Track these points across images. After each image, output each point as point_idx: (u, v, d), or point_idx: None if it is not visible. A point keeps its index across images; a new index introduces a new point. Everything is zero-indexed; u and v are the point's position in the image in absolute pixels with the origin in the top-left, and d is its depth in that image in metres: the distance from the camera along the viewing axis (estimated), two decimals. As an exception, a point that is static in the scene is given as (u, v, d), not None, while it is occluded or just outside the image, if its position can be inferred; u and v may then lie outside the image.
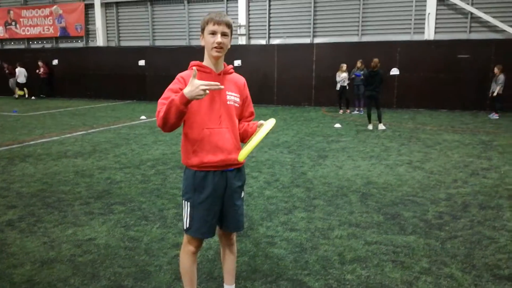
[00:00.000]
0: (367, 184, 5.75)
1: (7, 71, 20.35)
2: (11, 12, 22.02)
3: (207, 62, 2.38)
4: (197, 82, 2.04)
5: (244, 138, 2.47)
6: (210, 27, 2.27)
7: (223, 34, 2.28)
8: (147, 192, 5.39)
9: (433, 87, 15.08)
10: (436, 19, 15.46)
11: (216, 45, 2.27)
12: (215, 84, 2.08)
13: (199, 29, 2.48)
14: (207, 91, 2.06)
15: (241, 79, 2.53)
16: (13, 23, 22.12)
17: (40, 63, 20.27)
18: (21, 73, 19.91)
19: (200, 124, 2.30)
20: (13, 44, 22.77)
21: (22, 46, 22.52)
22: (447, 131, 10.33)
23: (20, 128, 10.83)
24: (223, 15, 2.30)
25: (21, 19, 21.94)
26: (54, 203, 4.93)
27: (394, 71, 15.29)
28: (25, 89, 20.10)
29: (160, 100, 2.25)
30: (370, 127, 10.78)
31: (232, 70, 2.48)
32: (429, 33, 15.48)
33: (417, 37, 15.73)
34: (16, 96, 20.00)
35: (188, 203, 2.41)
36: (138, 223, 4.30)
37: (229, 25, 2.30)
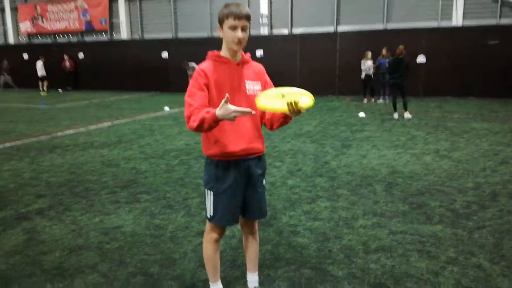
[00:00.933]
0: (392, 174, 5.66)
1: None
2: (38, 7, 22.55)
3: (225, 52, 2.37)
4: (230, 107, 2.04)
5: (273, 124, 2.41)
6: (231, 22, 2.24)
7: (243, 29, 2.26)
8: (171, 181, 5.46)
9: (461, 75, 14.65)
10: (465, 4, 14.97)
11: (236, 40, 2.26)
12: (248, 111, 2.06)
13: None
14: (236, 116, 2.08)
15: (259, 66, 2.52)
16: (40, 17, 22.66)
17: (65, 57, 20.64)
18: (40, 67, 20.09)
19: None
20: (40, 39, 23.34)
21: (49, 41, 23.06)
22: (475, 119, 10.03)
23: (48, 120, 11.12)
24: (242, 7, 2.26)
25: (47, 14, 22.45)
26: (81, 192, 5.06)
27: (421, 59, 14.92)
28: (45, 82, 20.18)
29: (187, 99, 2.24)
30: (396, 116, 10.58)
31: (249, 59, 2.46)
32: (457, 19, 15.01)
33: (444, 24, 15.29)
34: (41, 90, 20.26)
35: (211, 192, 2.43)
36: (163, 211, 4.37)
37: (248, 18, 2.28)
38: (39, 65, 20.00)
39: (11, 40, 23.86)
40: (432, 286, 2.82)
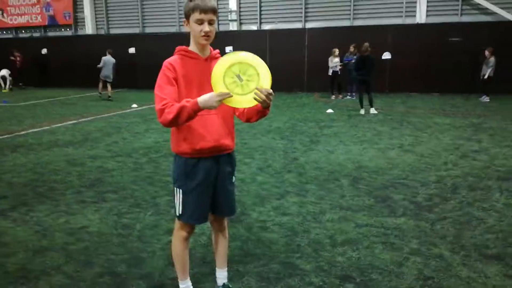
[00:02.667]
0: (358, 168, 5.80)
1: None
2: (-2, 0, 21.64)
3: (193, 47, 2.35)
4: (212, 93, 2.08)
5: (250, 117, 2.35)
6: (197, 16, 2.22)
7: (210, 23, 2.25)
8: (139, 180, 5.39)
9: (425, 71, 15.12)
10: (428, 2, 15.44)
11: (203, 33, 2.24)
12: (227, 94, 2.08)
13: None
14: (221, 101, 2.09)
15: None
16: (1, 11, 21.74)
17: (15, 53, 19.64)
18: None
19: None
20: (1, 33, 22.41)
21: (10, 36, 22.18)
22: (438, 115, 10.39)
23: (10, 119, 10.73)
24: (208, 0, 2.24)
25: (8, 8, 21.57)
26: (46, 192, 4.92)
27: (386, 55, 15.29)
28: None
29: (158, 93, 2.20)
30: (362, 111, 10.82)
31: (218, 55, 2.45)
32: (421, 16, 15.46)
33: (409, 21, 15.71)
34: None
35: (180, 190, 2.41)
36: (131, 210, 4.31)
37: (215, 11, 2.27)
38: None
39: (-32, 34, 22.81)
40: (396, 277, 2.92)
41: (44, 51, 20.66)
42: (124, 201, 4.60)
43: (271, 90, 2.13)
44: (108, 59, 15.08)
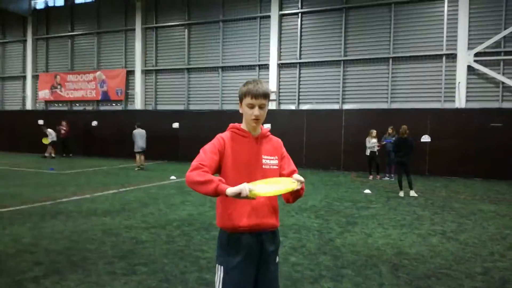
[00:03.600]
0: (398, 254, 5.51)
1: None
2: (58, 76, 23.72)
3: (245, 126, 2.46)
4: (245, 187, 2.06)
5: (287, 198, 2.40)
6: (248, 100, 2.35)
7: (260, 107, 2.37)
8: (170, 253, 5.35)
9: (466, 155, 14.75)
10: (467, 88, 15.49)
11: (253, 117, 2.37)
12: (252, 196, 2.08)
13: (232, 94, 2.58)
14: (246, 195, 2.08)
15: (278, 141, 2.58)
16: (59, 86, 23.74)
17: (63, 123, 21.02)
18: (51, 134, 20.38)
19: None
20: (57, 105, 24.25)
21: (65, 108, 23.93)
22: (482, 201, 9.92)
23: (55, 186, 11.20)
24: (260, 85, 2.36)
25: (66, 83, 23.54)
26: (79, 261, 4.96)
27: (425, 138, 15.15)
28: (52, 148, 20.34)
29: (201, 154, 2.30)
30: (401, 194, 10.52)
31: (268, 133, 2.54)
32: (460, 102, 15.45)
33: (448, 105, 15.71)
34: (46, 154, 20.33)
35: (222, 268, 2.34)
36: (159, 285, 4.23)
37: (266, 96, 2.38)
38: (49, 131, 20.39)
39: (29, 106, 24.81)
40: None
41: (94, 123, 22.02)
42: (154, 275, 4.55)
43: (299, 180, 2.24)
44: (139, 132, 16.01)
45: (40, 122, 22.38)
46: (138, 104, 21.72)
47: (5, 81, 26.02)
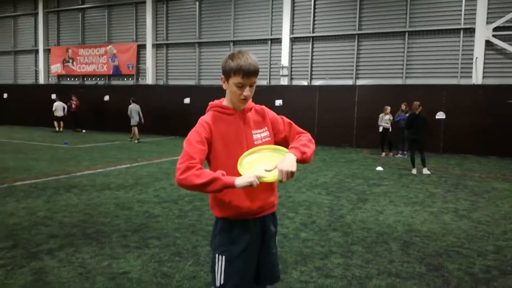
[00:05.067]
0: (409, 232, 5.49)
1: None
2: (70, 50, 23.70)
3: (228, 102, 2.28)
4: (255, 181, 1.99)
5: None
6: (238, 79, 2.11)
7: (251, 86, 2.16)
8: (182, 227, 5.41)
9: (482, 133, 14.49)
10: (484, 63, 15.08)
11: (243, 97, 2.16)
12: (260, 176, 2.01)
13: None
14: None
15: (261, 108, 2.38)
16: (71, 60, 23.75)
17: (73, 97, 21.15)
18: (58, 107, 20.55)
19: (231, 172, 2.08)
20: (69, 80, 24.34)
21: (77, 82, 24.01)
22: (496, 179, 9.79)
23: (69, 160, 11.35)
24: (251, 60, 2.11)
25: (78, 57, 23.53)
26: (93, 234, 5.05)
27: (440, 115, 14.89)
28: (61, 122, 20.55)
29: (186, 150, 2.09)
30: (414, 171, 10.43)
31: (252, 104, 2.34)
32: (477, 78, 15.08)
33: (464, 81, 15.36)
34: (56, 129, 20.56)
35: (223, 257, 2.20)
36: (172, 259, 4.30)
37: (257, 73, 2.16)
38: (58, 106, 20.52)
39: (42, 80, 24.94)
40: None
41: (106, 97, 22.09)
42: (166, 248, 4.61)
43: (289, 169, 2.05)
44: (134, 107, 17.23)
45: (53, 96, 22.50)
46: (149, 79, 21.67)
47: (17, 55, 26.09)
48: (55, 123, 20.57)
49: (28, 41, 25.45)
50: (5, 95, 23.79)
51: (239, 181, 1.98)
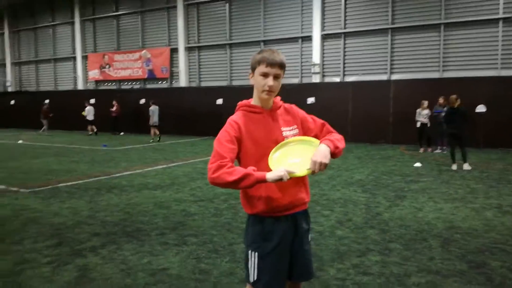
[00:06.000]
0: (449, 229, 5.34)
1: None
2: (106, 56, 24.49)
3: (256, 101, 2.30)
4: (285, 175, 2.00)
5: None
6: (262, 69, 2.15)
7: (276, 77, 2.17)
8: (218, 225, 5.49)
9: (526, 126, 13.85)
10: (527, 53, 14.42)
11: (267, 88, 2.16)
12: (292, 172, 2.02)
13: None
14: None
15: (291, 107, 2.40)
16: (107, 66, 24.53)
17: (114, 102, 21.82)
18: (89, 112, 21.39)
19: (262, 169, 2.09)
20: (106, 85, 25.13)
21: (114, 87, 24.76)
22: (543, 174, 9.34)
23: (108, 161, 11.73)
24: (276, 54, 2.17)
25: (114, 63, 24.28)
26: (133, 232, 5.21)
27: (480, 108, 14.33)
28: (93, 126, 21.40)
29: (217, 149, 2.12)
30: (454, 167, 10.10)
31: (281, 103, 2.36)
32: (519, 68, 14.43)
33: (505, 73, 14.73)
34: (89, 133, 21.37)
35: (256, 254, 2.22)
36: (209, 255, 4.37)
37: (282, 66, 2.18)
38: (89, 110, 21.32)
39: (80, 86, 25.89)
40: None
41: (142, 101, 22.66)
42: (204, 245, 4.69)
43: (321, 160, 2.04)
44: (155, 108, 18.43)
45: (92, 101, 23.30)
46: (182, 81, 22.06)
47: (57, 63, 27.20)
48: (88, 127, 21.43)
49: (67, 49, 26.50)
50: (47, 101, 24.81)
51: (270, 175, 2.00)
